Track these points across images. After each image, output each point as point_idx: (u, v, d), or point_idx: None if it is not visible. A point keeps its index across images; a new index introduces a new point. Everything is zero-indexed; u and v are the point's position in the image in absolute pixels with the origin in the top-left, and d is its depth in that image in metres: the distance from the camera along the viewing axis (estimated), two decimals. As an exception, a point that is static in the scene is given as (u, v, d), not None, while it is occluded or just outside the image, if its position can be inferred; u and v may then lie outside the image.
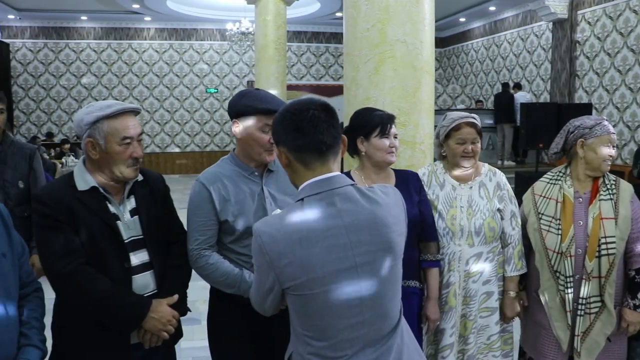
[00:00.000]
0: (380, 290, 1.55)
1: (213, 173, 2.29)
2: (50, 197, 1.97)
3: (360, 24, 3.32)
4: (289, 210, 1.56)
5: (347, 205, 1.53)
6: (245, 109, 2.22)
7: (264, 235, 1.51)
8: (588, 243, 2.49)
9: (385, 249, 1.55)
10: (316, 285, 1.48)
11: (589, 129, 2.56)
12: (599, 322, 2.50)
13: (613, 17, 10.18)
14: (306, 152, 1.55)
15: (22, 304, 1.85)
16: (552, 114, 8.69)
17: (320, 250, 1.48)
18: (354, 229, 1.51)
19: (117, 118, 1.99)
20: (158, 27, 15.65)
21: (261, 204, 2.28)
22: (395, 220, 1.59)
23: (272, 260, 1.50)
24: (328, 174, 1.56)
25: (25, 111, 15.28)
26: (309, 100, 1.60)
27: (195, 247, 2.23)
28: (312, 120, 1.53)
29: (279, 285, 1.53)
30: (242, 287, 2.21)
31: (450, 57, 17.04)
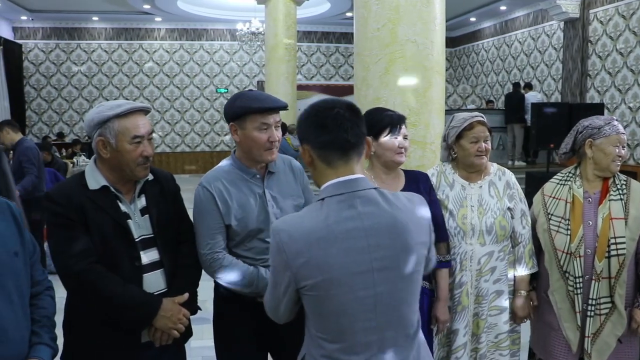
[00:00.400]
0: (396, 296, 1.53)
1: (215, 177, 2.28)
2: (62, 196, 1.98)
3: (371, 23, 3.32)
4: (309, 210, 1.56)
5: (368, 208, 1.51)
6: (241, 111, 2.21)
7: (283, 234, 1.51)
8: (597, 243, 2.47)
9: (404, 256, 1.53)
10: (331, 286, 1.47)
11: (598, 129, 2.54)
12: (609, 323, 2.48)
13: (626, 15, 10.10)
14: (329, 150, 1.54)
15: (33, 303, 1.86)
16: (563, 114, 8.64)
17: (338, 251, 1.47)
18: (374, 233, 1.50)
19: (127, 117, 2.00)
20: (168, 27, 15.71)
21: (263, 206, 2.27)
22: (416, 228, 1.56)
23: (289, 259, 1.49)
24: (351, 175, 1.54)
25: (37, 111, 15.40)
26: (335, 99, 1.60)
27: (207, 252, 2.23)
28: (336, 118, 1.53)
29: (295, 284, 1.51)
30: (260, 284, 2.21)
31: (461, 57, 16.99)
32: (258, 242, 2.28)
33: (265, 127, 2.20)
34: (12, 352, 1.70)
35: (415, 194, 1.67)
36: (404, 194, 1.63)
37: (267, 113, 2.20)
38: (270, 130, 2.21)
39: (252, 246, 2.28)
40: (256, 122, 2.20)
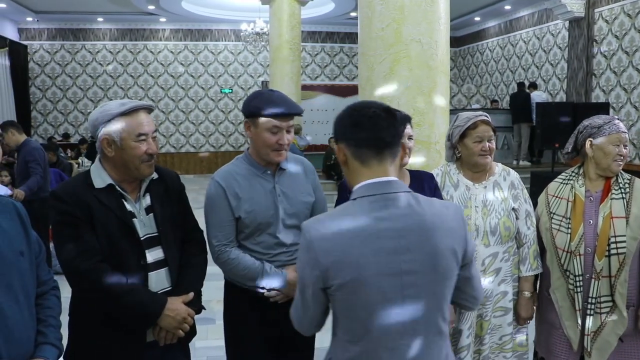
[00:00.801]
0: (423, 301, 1.51)
1: (227, 171, 2.37)
2: (68, 194, 1.99)
3: (375, 23, 3.31)
4: (340, 209, 1.56)
5: (400, 210, 1.51)
6: (256, 110, 2.28)
7: (313, 232, 1.51)
8: (597, 242, 2.47)
9: (432, 261, 1.51)
10: (360, 286, 1.46)
11: (597, 128, 2.54)
12: (610, 322, 2.47)
13: (631, 14, 10.05)
14: (363, 148, 1.54)
15: (39, 302, 1.86)
16: (569, 114, 8.61)
17: (368, 251, 1.46)
18: (404, 235, 1.49)
19: (131, 115, 2.02)
20: (173, 28, 15.75)
21: (273, 201, 2.34)
22: (448, 235, 1.54)
23: (318, 257, 1.48)
24: (385, 177, 1.54)
25: (43, 112, 15.46)
26: (372, 101, 1.62)
27: (216, 244, 2.33)
28: (372, 117, 1.53)
29: (322, 283, 1.49)
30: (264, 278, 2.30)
31: (465, 57, 16.96)
32: (267, 236, 2.35)
33: (277, 130, 2.27)
34: (17, 352, 1.70)
35: (453, 203, 1.66)
36: (440, 201, 1.63)
37: (281, 118, 2.27)
38: (281, 133, 2.28)
39: (261, 240, 2.36)
40: (268, 124, 2.27)
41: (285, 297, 2.38)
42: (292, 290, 2.37)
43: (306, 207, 2.44)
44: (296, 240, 2.42)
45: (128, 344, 2.03)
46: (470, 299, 1.69)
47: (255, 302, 2.38)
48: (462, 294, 1.66)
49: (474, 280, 1.67)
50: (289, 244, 2.39)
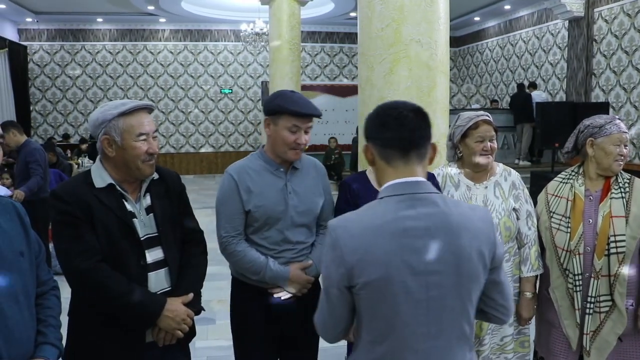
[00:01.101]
0: (448, 303, 1.49)
1: (241, 166, 2.45)
2: (68, 194, 1.99)
3: (375, 23, 3.31)
4: (367, 207, 1.55)
5: (427, 209, 1.50)
6: (277, 109, 2.34)
7: (339, 230, 1.51)
8: (597, 241, 2.47)
9: (457, 262, 1.49)
10: (385, 284, 1.45)
11: (599, 128, 2.54)
12: (609, 322, 2.47)
13: (631, 14, 10.05)
14: (389, 148, 1.54)
15: (39, 302, 1.86)
16: (568, 114, 8.61)
17: (393, 250, 1.46)
18: (430, 234, 1.48)
19: (132, 115, 2.03)
20: (173, 28, 15.75)
21: (283, 197, 2.40)
22: (474, 237, 1.52)
23: (344, 255, 1.47)
24: (412, 177, 1.53)
25: (42, 112, 15.45)
26: (402, 101, 1.61)
27: (224, 235, 2.39)
28: (399, 118, 1.53)
29: (347, 281, 1.48)
30: (267, 274, 2.37)
31: (465, 57, 16.96)
32: (275, 232, 2.41)
33: (295, 130, 2.34)
34: (18, 352, 1.70)
35: (481, 207, 1.63)
36: (468, 204, 1.62)
37: (301, 118, 2.33)
38: (300, 133, 2.35)
39: (269, 235, 2.41)
40: (289, 122, 2.33)
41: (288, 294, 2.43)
42: (293, 288, 2.40)
43: (316, 207, 2.49)
44: (303, 238, 2.45)
45: (127, 344, 2.02)
46: (500, 308, 1.65)
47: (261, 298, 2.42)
48: (491, 302, 1.62)
49: (502, 286, 1.63)
50: (295, 241, 2.43)
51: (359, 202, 2.45)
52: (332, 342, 1.65)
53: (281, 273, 2.38)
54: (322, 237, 2.53)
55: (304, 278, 2.43)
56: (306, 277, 2.44)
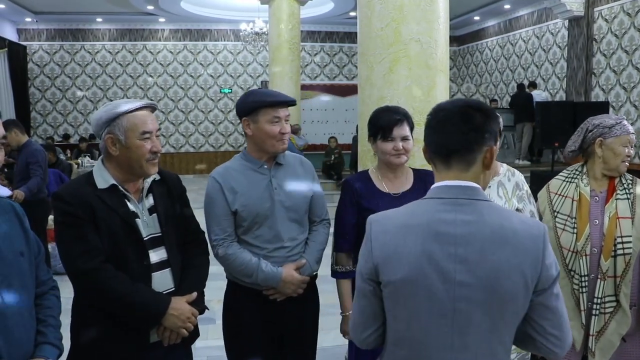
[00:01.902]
0: (478, 319, 1.39)
1: (223, 167, 2.46)
2: (71, 195, 1.99)
3: (375, 23, 3.31)
4: (409, 205, 1.51)
5: (467, 217, 1.40)
6: (255, 105, 2.36)
7: (375, 224, 1.49)
8: (604, 242, 2.46)
9: (493, 278, 1.37)
10: (408, 286, 1.40)
11: (609, 129, 2.53)
12: (613, 322, 2.47)
13: (631, 13, 10.05)
14: (432, 153, 1.50)
15: (38, 302, 1.86)
16: (568, 113, 8.61)
17: (421, 252, 1.39)
18: (464, 243, 1.38)
19: (135, 114, 2.03)
20: (172, 28, 15.75)
21: (269, 193, 2.40)
22: (518, 253, 1.38)
23: (373, 249, 1.45)
24: (460, 181, 1.44)
25: (42, 112, 15.45)
26: (454, 100, 1.52)
27: (214, 238, 2.39)
28: (441, 121, 1.47)
29: (375, 275, 1.45)
30: (259, 276, 2.35)
31: (465, 56, 16.96)
32: (265, 230, 2.40)
33: (277, 120, 2.36)
34: (17, 352, 1.70)
35: (538, 222, 1.49)
36: (520, 216, 1.49)
37: (278, 107, 2.36)
38: (281, 123, 2.37)
39: (260, 234, 2.40)
40: (268, 115, 2.35)
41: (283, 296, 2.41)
42: (286, 288, 2.39)
43: (304, 201, 2.48)
44: (295, 235, 2.44)
45: (131, 344, 2.02)
46: (551, 338, 1.45)
47: (256, 299, 2.40)
48: (539, 327, 1.45)
49: (553, 312, 1.45)
50: (287, 238, 2.42)
51: (362, 202, 2.45)
52: (362, 345, 1.58)
53: (273, 274, 2.36)
54: (315, 234, 2.53)
55: (297, 278, 2.41)
56: (300, 277, 2.42)
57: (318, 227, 2.56)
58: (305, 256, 2.47)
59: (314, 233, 2.54)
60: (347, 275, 2.51)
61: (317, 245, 2.52)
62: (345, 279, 2.52)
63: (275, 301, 2.42)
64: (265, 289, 2.40)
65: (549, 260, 1.41)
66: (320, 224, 2.57)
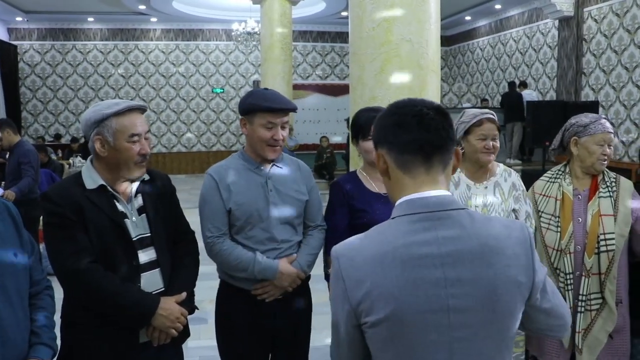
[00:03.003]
0: (478, 345, 1.24)
1: (220, 165, 2.45)
2: (59, 196, 1.99)
3: (366, 23, 3.32)
4: (375, 231, 1.29)
5: (449, 232, 1.23)
6: (251, 107, 2.35)
7: (342, 259, 1.27)
8: (587, 240, 2.49)
9: (491, 296, 1.23)
10: (397, 324, 1.21)
11: (583, 127, 2.57)
12: (600, 319, 2.50)
13: (620, 14, 10.13)
14: (408, 153, 1.27)
15: (32, 302, 1.86)
16: (559, 113, 8.65)
17: (406, 282, 1.20)
18: (452, 262, 1.22)
19: (124, 115, 2.02)
20: (164, 27, 15.70)
21: (264, 194, 2.39)
22: (511, 262, 1.25)
23: (348, 289, 1.24)
24: (432, 190, 1.27)
25: (33, 112, 15.36)
26: (420, 99, 1.35)
27: (209, 236, 2.37)
28: (418, 116, 1.27)
29: (355, 319, 1.26)
30: (256, 268, 2.34)
31: (456, 56, 17.01)
32: (259, 231, 2.39)
33: (271, 126, 2.34)
34: (12, 353, 1.69)
35: (518, 222, 1.37)
36: (501, 220, 1.35)
37: (274, 113, 2.33)
38: (276, 129, 2.35)
39: (253, 235, 2.39)
40: (263, 119, 2.33)
41: (277, 292, 2.40)
42: (283, 281, 2.38)
43: (299, 204, 2.46)
44: (288, 237, 2.43)
45: (121, 345, 2.02)
46: (556, 328, 1.40)
47: (248, 300, 2.40)
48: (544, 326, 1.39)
49: (555, 309, 1.37)
50: (280, 240, 2.41)
51: (354, 203, 2.45)
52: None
53: (270, 266, 2.35)
54: (309, 238, 2.52)
55: (293, 270, 2.40)
56: (295, 270, 2.41)
57: (313, 232, 2.53)
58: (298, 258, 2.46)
59: (308, 237, 2.52)
60: None
61: (310, 249, 2.49)
62: None
63: (267, 302, 2.41)
64: (254, 288, 2.39)
65: (537, 262, 1.31)
66: (315, 229, 2.54)
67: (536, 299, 1.32)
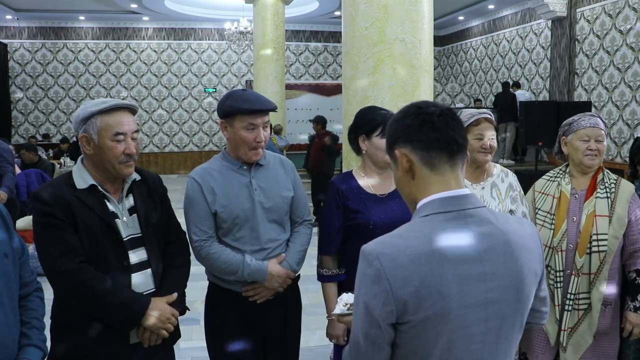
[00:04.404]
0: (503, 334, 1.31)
1: (203, 168, 2.41)
2: (50, 195, 1.97)
3: (359, 22, 3.31)
4: (410, 229, 1.30)
5: (482, 228, 1.29)
6: (231, 110, 2.30)
7: (384, 258, 1.23)
8: (579, 239, 2.50)
9: (518, 287, 1.31)
10: (441, 321, 1.23)
11: (568, 126, 2.62)
12: (586, 319, 2.52)
13: (612, 14, 10.17)
14: (436, 151, 1.31)
15: (22, 304, 1.85)
16: (552, 113, 8.69)
17: (452, 278, 1.23)
18: (489, 258, 1.27)
19: (110, 114, 2.00)
20: (156, 26, 15.65)
21: (249, 194, 2.36)
22: (530, 256, 1.34)
23: (394, 289, 1.22)
24: (459, 190, 1.32)
25: (24, 112, 15.28)
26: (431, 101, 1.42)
27: (195, 239, 2.34)
28: (442, 116, 1.32)
29: (395, 319, 1.24)
30: (245, 271, 2.31)
31: (449, 56, 17.04)
32: (246, 231, 2.36)
33: (252, 127, 2.30)
34: (2, 354, 1.68)
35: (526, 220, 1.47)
36: (514, 217, 1.44)
37: (255, 114, 2.29)
38: (257, 130, 2.31)
39: (240, 236, 2.36)
40: (244, 122, 2.29)
41: (268, 293, 2.38)
42: (273, 282, 2.36)
43: (285, 201, 2.45)
44: (275, 235, 2.42)
45: (112, 346, 2.01)
46: (543, 315, 1.51)
47: (238, 302, 2.38)
48: (536, 313, 1.48)
49: (545, 297, 1.49)
50: (267, 239, 2.39)
51: (349, 204, 2.44)
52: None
53: (259, 268, 2.33)
54: (296, 235, 2.51)
55: (283, 271, 2.38)
56: (284, 271, 2.39)
57: (300, 228, 2.53)
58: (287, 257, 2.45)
59: (295, 234, 2.51)
60: (332, 278, 2.49)
61: (298, 246, 2.48)
62: (330, 282, 2.51)
63: (257, 303, 2.39)
64: (245, 290, 2.37)
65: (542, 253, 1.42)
66: (302, 224, 2.53)
67: (540, 289, 1.42)
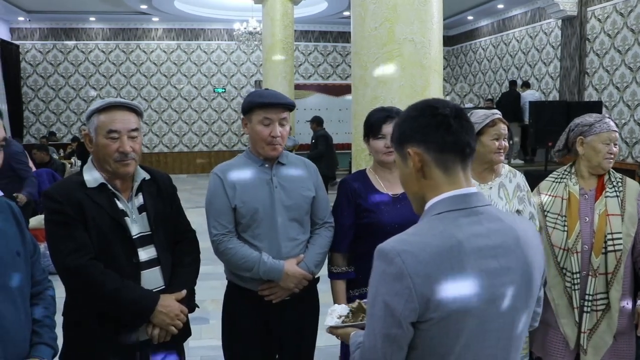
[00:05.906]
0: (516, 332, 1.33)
1: (226, 164, 2.47)
2: (60, 194, 2.00)
3: (368, 22, 3.31)
4: (428, 227, 1.30)
5: (494, 225, 1.31)
6: (249, 105, 2.38)
7: (405, 255, 1.22)
8: (594, 239, 2.49)
9: (529, 282, 1.33)
10: (462, 317, 1.23)
11: (589, 127, 2.57)
12: (605, 320, 2.50)
13: (624, 13, 10.09)
14: (450, 153, 1.32)
15: (34, 302, 1.86)
16: (562, 113, 8.62)
17: (473, 274, 1.24)
18: (503, 253, 1.29)
19: (106, 112, 2.04)
20: (166, 27, 15.70)
21: (270, 191, 2.39)
22: (537, 252, 1.37)
23: (417, 285, 1.21)
24: (468, 188, 1.34)
25: (35, 112, 15.38)
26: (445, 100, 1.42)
27: (215, 233, 2.37)
28: (458, 118, 1.33)
29: (417, 317, 1.22)
30: (261, 268, 2.33)
31: (459, 56, 16.99)
32: (264, 228, 2.39)
33: (268, 122, 2.35)
34: (13, 352, 1.70)
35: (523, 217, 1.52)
36: (515, 215, 1.48)
37: (269, 108, 2.34)
38: (273, 125, 2.35)
39: (259, 232, 2.39)
40: (260, 116, 2.36)
41: (284, 293, 2.38)
42: (289, 282, 2.37)
43: (305, 201, 2.46)
44: (294, 235, 2.42)
45: (122, 343, 2.03)
46: (536, 316, 1.52)
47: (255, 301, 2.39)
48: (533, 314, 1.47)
49: (542, 297, 1.52)
50: (287, 238, 2.40)
51: (360, 202, 2.45)
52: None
53: (275, 267, 2.34)
54: (316, 237, 2.50)
55: (299, 272, 2.38)
56: (301, 271, 2.39)
57: (320, 230, 2.52)
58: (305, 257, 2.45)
59: (315, 236, 2.50)
60: (342, 276, 2.50)
61: (317, 248, 2.47)
62: (339, 280, 2.51)
63: (273, 303, 2.39)
64: (261, 289, 2.38)
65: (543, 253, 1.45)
66: (322, 226, 2.52)
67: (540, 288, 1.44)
